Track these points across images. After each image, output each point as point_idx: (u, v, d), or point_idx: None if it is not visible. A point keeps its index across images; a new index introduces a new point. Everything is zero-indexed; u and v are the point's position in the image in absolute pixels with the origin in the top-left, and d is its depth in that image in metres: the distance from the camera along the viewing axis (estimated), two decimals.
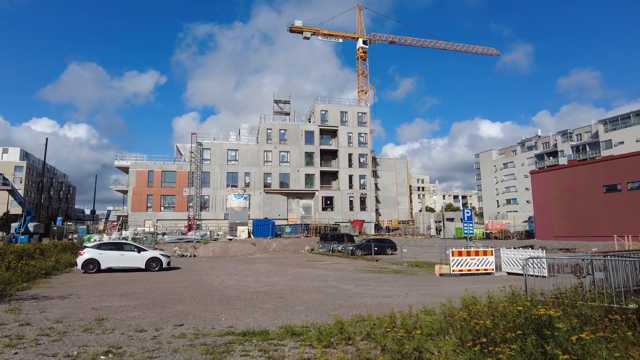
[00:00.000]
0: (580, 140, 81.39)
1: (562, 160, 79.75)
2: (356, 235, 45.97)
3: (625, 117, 73.03)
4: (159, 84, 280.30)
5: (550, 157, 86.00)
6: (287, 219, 56.78)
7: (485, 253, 18.93)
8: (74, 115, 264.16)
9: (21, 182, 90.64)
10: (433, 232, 61.16)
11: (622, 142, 70.98)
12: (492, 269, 18.59)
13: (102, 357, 6.04)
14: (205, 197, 54.95)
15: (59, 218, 60.56)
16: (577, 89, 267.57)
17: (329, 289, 14.10)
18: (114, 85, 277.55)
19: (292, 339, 7.01)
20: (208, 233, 44.20)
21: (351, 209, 60.57)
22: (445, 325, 6.77)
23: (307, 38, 72.94)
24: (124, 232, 45.08)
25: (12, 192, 49.26)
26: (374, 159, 67.90)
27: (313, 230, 46.96)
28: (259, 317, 9.22)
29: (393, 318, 7.68)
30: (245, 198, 49.42)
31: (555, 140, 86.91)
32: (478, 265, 18.48)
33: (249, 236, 44.63)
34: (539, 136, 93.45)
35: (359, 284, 15.49)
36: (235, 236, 43.87)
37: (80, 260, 19.97)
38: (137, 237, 39.17)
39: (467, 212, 22.11)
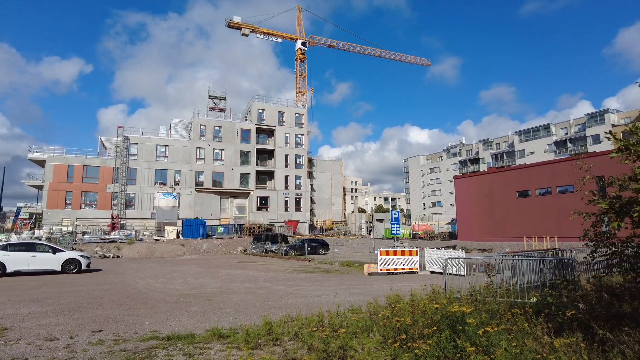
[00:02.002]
0: (499, 149, 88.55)
1: (483, 167, 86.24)
2: (290, 236, 46.11)
3: (536, 130, 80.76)
4: (84, 73, 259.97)
5: (473, 164, 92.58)
6: (219, 219, 55.39)
7: (410, 253, 19.92)
8: None
9: None
10: (364, 232, 63.18)
11: (533, 152, 78.41)
12: (417, 268, 19.62)
13: None
14: (131, 194, 51.87)
15: None
16: (496, 102, 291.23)
17: (260, 290, 14.03)
18: (29, 70, 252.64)
19: (218, 342, 6.90)
20: (133, 233, 41.85)
21: (286, 209, 60.58)
22: (370, 323, 7.06)
23: (246, 35, 71.84)
24: (37, 231, 41.28)
25: None
26: (310, 160, 68.52)
27: (247, 231, 46.33)
28: (185, 321, 8.94)
29: (321, 317, 7.85)
30: (174, 197, 47.44)
31: (477, 148, 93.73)
32: (404, 265, 19.40)
33: (178, 237, 42.96)
34: (463, 144, 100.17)
35: (291, 284, 15.58)
36: (163, 236, 42.01)
37: None
38: (52, 236, 36.08)
39: (395, 214, 23.13)
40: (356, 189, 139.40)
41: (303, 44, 73.89)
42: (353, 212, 78.61)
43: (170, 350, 6.41)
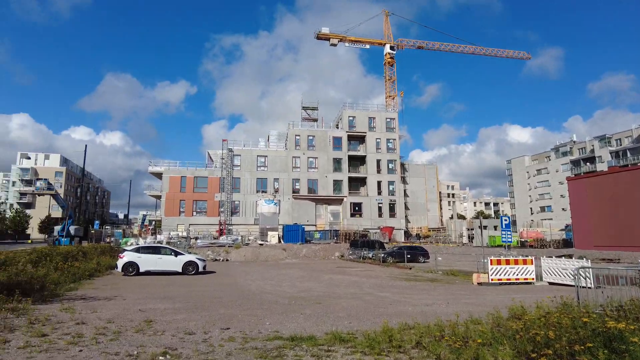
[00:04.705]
0: (620, 145, 78.06)
1: (600, 167, 76.58)
2: (386, 242, 45.54)
3: None
4: (189, 94, 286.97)
5: (587, 163, 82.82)
6: (315, 225, 56.87)
7: (525, 262, 18.34)
8: (109, 123, 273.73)
9: (61, 186, 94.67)
10: (465, 239, 59.91)
11: None
12: (533, 279, 18.00)
13: (160, 357, 6.21)
14: (236, 202, 55.79)
15: (96, 222, 62.74)
16: (609, 93, 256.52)
17: (366, 296, 14.01)
18: (146, 95, 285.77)
19: (341, 345, 6.98)
20: (239, 238, 44.80)
21: (380, 215, 60.12)
22: (498, 335, 6.60)
23: (335, 45, 73.36)
24: (158, 236, 46.26)
25: (56, 196, 51.64)
26: (402, 165, 67.25)
27: (342, 237, 46.87)
28: (302, 323, 9.24)
29: (441, 327, 7.56)
30: (275, 203, 49.84)
31: (592, 145, 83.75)
32: (518, 275, 17.93)
33: (279, 241, 44.94)
34: (574, 142, 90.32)
35: (396, 292, 15.32)
36: (266, 241, 44.26)
37: (120, 262, 20.61)
38: (171, 241, 40.10)
39: (505, 220, 21.50)
40: (453, 194, 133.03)
41: (392, 47, 73.24)
42: (451, 218, 75.16)
43: (297, 351, 6.64)
